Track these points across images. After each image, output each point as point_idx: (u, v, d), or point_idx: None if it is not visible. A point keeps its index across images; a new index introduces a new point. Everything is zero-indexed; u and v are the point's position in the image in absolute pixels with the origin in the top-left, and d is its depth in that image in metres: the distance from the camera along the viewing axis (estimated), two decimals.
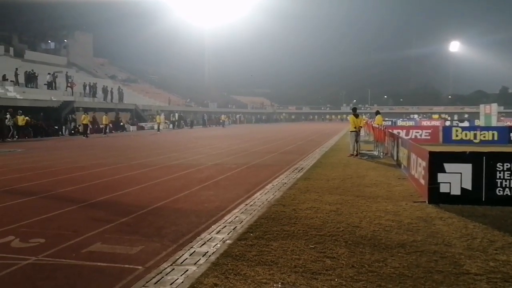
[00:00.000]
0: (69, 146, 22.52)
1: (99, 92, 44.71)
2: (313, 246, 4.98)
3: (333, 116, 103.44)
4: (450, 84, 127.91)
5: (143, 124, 45.84)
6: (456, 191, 7.06)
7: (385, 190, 8.53)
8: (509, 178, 6.93)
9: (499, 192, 6.96)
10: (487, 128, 23.11)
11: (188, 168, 12.71)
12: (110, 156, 16.61)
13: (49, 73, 41.75)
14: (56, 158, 16.00)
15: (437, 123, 44.35)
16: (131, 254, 4.91)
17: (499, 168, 6.94)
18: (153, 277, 4.13)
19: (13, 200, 8.07)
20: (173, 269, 4.35)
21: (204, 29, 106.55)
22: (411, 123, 48.04)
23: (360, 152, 15.65)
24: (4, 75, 37.27)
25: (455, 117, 72.86)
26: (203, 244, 5.14)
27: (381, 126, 17.49)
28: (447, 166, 7.09)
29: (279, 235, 5.42)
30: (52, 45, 70.64)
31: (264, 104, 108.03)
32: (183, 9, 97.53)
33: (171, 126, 49.04)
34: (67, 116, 35.42)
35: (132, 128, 43.18)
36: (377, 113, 20.76)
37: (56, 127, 33.28)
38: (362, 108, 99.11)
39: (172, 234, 5.70)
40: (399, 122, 47.66)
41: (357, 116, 15.74)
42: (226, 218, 6.46)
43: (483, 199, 6.99)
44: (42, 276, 4.33)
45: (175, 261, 4.59)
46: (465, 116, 76.41)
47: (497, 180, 6.96)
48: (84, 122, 31.22)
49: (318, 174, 10.88)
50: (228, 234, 5.52)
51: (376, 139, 17.70)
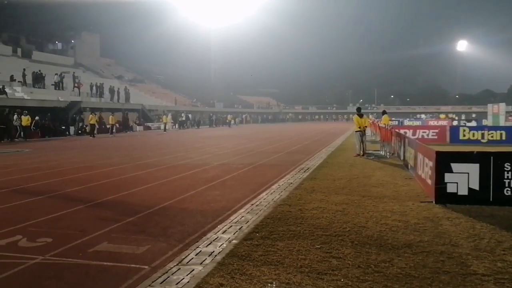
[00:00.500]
0: (76, 146, 22.64)
1: (106, 92, 44.91)
2: (319, 246, 4.97)
3: (339, 116, 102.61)
4: (457, 84, 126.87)
5: (149, 124, 45.97)
6: (463, 191, 7.02)
7: (391, 190, 8.49)
8: None
9: (507, 192, 6.89)
10: (495, 128, 22.94)
11: (194, 168, 12.73)
12: (116, 156, 16.68)
13: (56, 74, 42.00)
14: (63, 158, 16.10)
15: (444, 123, 44.06)
16: (137, 253, 4.92)
17: (507, 168, 6.88)
18: (159, 277, 4.14)
19: (21, 199, 8.13)
20: (179, 268, 4.36)
21: (210, 29, 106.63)
22: (418, 123, 47.79)
23: (367, 152, 15.60)
24: (12, 75, 37.56)
25: (463, 116, 72.35)
26: (209, 244, 5.15)
27: (387, 126, 17.42)
28: (454, 166, 7.04)
29: (285, 235, 5.41)
30: (59, 45, 71.15)
31: (270, 104, 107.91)
32: (189, 9, 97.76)
33: (177, 126, 49.12)
34: (74, 116, 35.62)
35: (139, 128, 43.32)
36: (384, 113, 20.69)
37: (63, 127, 33.47)
38: (368, 108, 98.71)
39: (178, 234, 5.72)
40: (406, 122, 47.42)
41: (361, 116, 15.70)
42: (232, 218, 6.46)
43: (491, 199, 6.93)
44: (49, 275, 4.36)
45: (181, 260, 4.60)
46: (473, 115, 75.88)
47: (505, 180, 6.90)
48: (91, 122, 31.38)
49: (324, 174, 10.85)
50: (234, 234, 5.52)
51: (382, 139, 17.63)
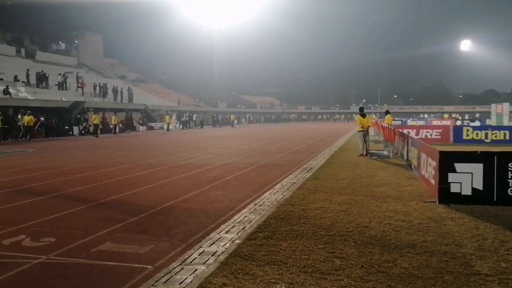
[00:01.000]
0: (80, 146, 22.70)
1: (109, 92, 45.01)
2: (322, 246, 4.96)
3: (342, 116, 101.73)
4: (461, 83, 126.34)
5: (152, 124, 46.05)
6: (467, 191, 7.00)
7: (395, 190, 8.48)
8: None
9: (511, 192, 6.87)
10: (499, 128, 22.85)
11: (197, 168, 12.74)
12: (119, 156, 16.71)
13: (59, 74, 42.13)
14: (66, 158, 16.14)
15: (447, 122, 43.93)
16: (141, 253, 4.93)
17: (511, 168, 6.86)
18: (162, 277, 4.15)
19: (24, 199, 8.16)
20: (182, 268, 4.36)
21: (213, 29, 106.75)
22: (421, 122, 47.69)
23: (370, 152, 15.58)
24: (16, 75, 37.69)
25: (466, 116, 72.16)
26: (212, 244, 5.15)
27: (390, 125, 17.38)
28: (458, 166, 7.02)
29: (288, 235, 5.41)
30: (62, 46, 71.37)
31: (273, 104, 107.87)
32: (192, 9, 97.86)
33: (181, 126, 49.20)
34: (79, 117, 35.74)
35: (142, 128, 43.39)
36: (387, 112, 20.61)
37: (66, 127, 33.58)
38: (371, 108, 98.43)
39: (181, 233, 5.72)
40: (409, 122, 47.33)
41: (364, 116, 15.68)
42: (235, 217, 6.46)
43: (495, 199, 6.91)
44: (52, 275, 4.37)
45: (184, 260, 4.60)
46: (476, 115, 75.61)
47: (508, 180, 6.88)
48: (94, 122, 31.46)
49: (327, 174, 10.84)
50: (237, 234, 5.52)
51: (385, 138, 17.59)
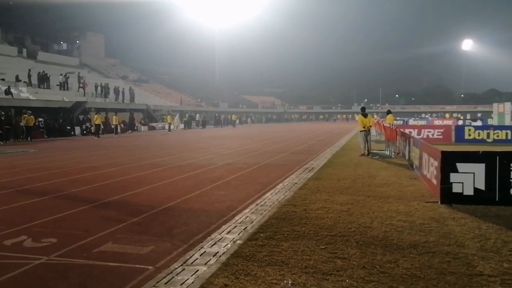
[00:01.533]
0: (81, 147, 22.72)
1: (111, 92, 45.05)
2: (324, 247, 4.95)
3: (339, 116, 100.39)
4: (462, 83, 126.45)
5: (154, 124, 46.09)
6: (469, 191, 6.97)
7: (396, 190, 8.46)
8: None
9: None
10: (501, 127, 22.80)
11: (199, 168, 12.73)
12: (121, 156, 16.72)
13: (61, 74, 42.18)
14: (68, 158, 16.16)
15: (449, 122, 43.84)
16: (142, 254, 4.92)
17: None
18: (164, 277, 4.14)
19: (26, 200, 8.16)
20: (184, 269, 4.35)
21: (215, 29, 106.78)
22: (423, 122, 47.59)
23: (371, 152, 15.56)
24: (17, 76, 37.76)
25: (468, 116, 71.98)
26: (214, 244, 5.14)
27: (392, 125, 17.36)
28: (460, 166, 7.00)
29: (289, 236, 5.40)
30: (64, 46, 71.57)
31: (274, 104, 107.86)
32: (194, 9, 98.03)
33: (183, 126, 49.25)
34: (83, 117, 35.79)
35: (144, 128, 43.43)
36: (388, 112, 20.61)
37: (68, 128, 33.62)
38: (373, 108, 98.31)
39: (182, 234, 5.71)
40: (411, 122, 47.24)
41: (365, 115, 15.66)
42: (236, 218, 6.46)
43: (497, 199, 6.89)
44: (53, 276, 4.36)
45: (186, 261, 4.59)
46: (478, 115, 75.47)
47: (511, 180, 6.85)
48: (96, 123, 31.48)
49: (329, 174, 10.83)
50: (238, 234, 5.51)
51: (387, 138, 17.56)
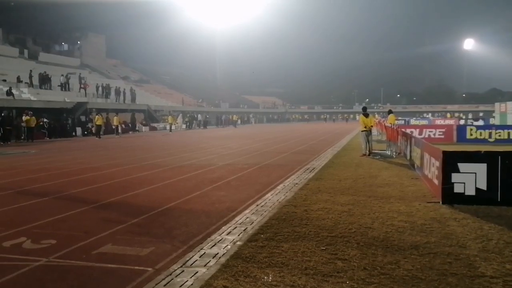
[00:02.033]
0: (82, 147, 22.71)
1: (112, 93, 45.06)
2: (324, 248, 4.92)
3: (340, 116, 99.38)
4: (464, 82, 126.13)
5: (155, 125, 46.11)
6: (470, 191, 6.93)
7: (398, 191, 8.42)
8: None
9: None
10: (503, 127, 22.72)
11: (199, 168, 12.71)
12: (122, 157, 16.70)
13: (62, 75, 42.21)
14: (69, 159, 16.15)
15: (451, 122, 43.76)
16: (141, 255, 4.90)
17: None
18: (163, 279, 4.11)
19: (26, 201, 8.14)
20: (183, 271, 4.33)
21: (216, 29, 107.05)
22: (424, 122, 47.50)
23: (373, 152, 15.52)
24: (19, 76, 37.77)
25: (470, 115, 71.82)
26: (213, 246, 5.12)
27: (393, 125, 17.32)
28: (461, 166, 6.96)
29: (290, 237, 5.37)
30: (65, 46, 71.70)
31: (276, 104, 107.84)
32: (195, 9, 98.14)
33: (184, 126, 49.26)
34: (80, 117, 35.80)
35: (145, 128, 43.45)
36: (390, 112, 20.60)
37: (69, 128, 33.63)
38: (374, 107, 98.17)
39: (182, 235, 5.69)
40: (412, 121, 47.15)
41: (367, 115, 15.62)
42: (236, 219, 6.43)
43: (499, 200, 6.84)
44: (52, 277, 4.34)
45: (185, 262, 4.57)
46: (480, 114, 75.30)
47: None
48: (97, 123, 31.50)
49: (330, 174, 10.79)
50: (238, 236, 5.48)
51: (388, 138, 17.53)
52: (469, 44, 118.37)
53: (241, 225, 6.01)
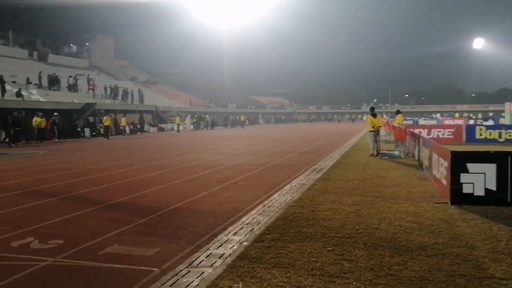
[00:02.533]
0: (91, 148, 22.84)
1: (120, 94, 45.27)
2: (331, 249, 4.89)
3: (347, 116, 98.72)
4: (473, 82, 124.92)
5: (163, 126, 46.24)
6: (479, 192, 6.86)
7: (405, 191, 8.36)
8: None
9: None
10: None
11: (207, 169, 12.72)
12: (130, 158, 16.77)
13: (70, 76, 42.49)
14: (77, 160, 16.24)
15: (460, 122, 43.41)
16: (148, 256, 4.90)
17: None
18: (169, 279, 4.11)
19: (34, 201, 8.20)
20: (189, 271, 4.32)
21: (223, 30, 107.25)
22: (433, 122, 47.21)
23: (381, 152, 15.43)
24: (28, 78, 38.08)
25: (479, 115, 71.22)
26: (220, 246, 5.11)
27: (401, 125, 17.21)
28: (470, 166, 6.89)
29: (296, 237, 5.34)
30: (74, 48, 72.10)
31: (283, 104, 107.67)
32: (202, 10, 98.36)
33: (192, 127, 49.36)
34: (89, 118, 36.02)
35: (152, 129, 43.59)
36: (398, 112, 20.43)
37: (78, 129, 33.85)
38: (382, 108, 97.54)
39: (189, 235, 5.68)
40: (421, 121, 46.88)
41: (375, 115, 15.54)
42: (243, 219, 6.41)
43: (508, 200, 6.77)
44: (59, 277, 4.35)
45: (191, 263, 4.56)
46: (490, 114, 74.62)
47: None
48: (106, 124, 31.68)
49: (338, 174, 10.74)
50: (245, 236, 5.47)
51: (396, 138, 17.43)
52: (479, 43, 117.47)
53: (247, 226, 6.00)
